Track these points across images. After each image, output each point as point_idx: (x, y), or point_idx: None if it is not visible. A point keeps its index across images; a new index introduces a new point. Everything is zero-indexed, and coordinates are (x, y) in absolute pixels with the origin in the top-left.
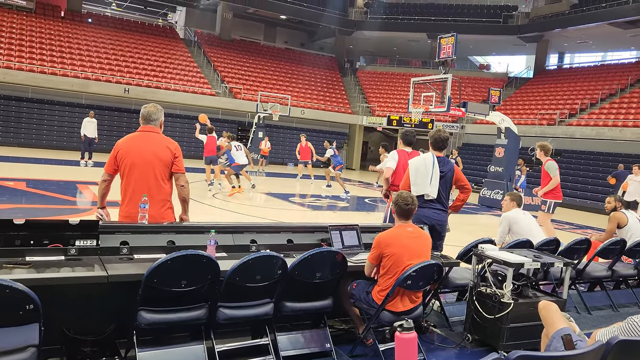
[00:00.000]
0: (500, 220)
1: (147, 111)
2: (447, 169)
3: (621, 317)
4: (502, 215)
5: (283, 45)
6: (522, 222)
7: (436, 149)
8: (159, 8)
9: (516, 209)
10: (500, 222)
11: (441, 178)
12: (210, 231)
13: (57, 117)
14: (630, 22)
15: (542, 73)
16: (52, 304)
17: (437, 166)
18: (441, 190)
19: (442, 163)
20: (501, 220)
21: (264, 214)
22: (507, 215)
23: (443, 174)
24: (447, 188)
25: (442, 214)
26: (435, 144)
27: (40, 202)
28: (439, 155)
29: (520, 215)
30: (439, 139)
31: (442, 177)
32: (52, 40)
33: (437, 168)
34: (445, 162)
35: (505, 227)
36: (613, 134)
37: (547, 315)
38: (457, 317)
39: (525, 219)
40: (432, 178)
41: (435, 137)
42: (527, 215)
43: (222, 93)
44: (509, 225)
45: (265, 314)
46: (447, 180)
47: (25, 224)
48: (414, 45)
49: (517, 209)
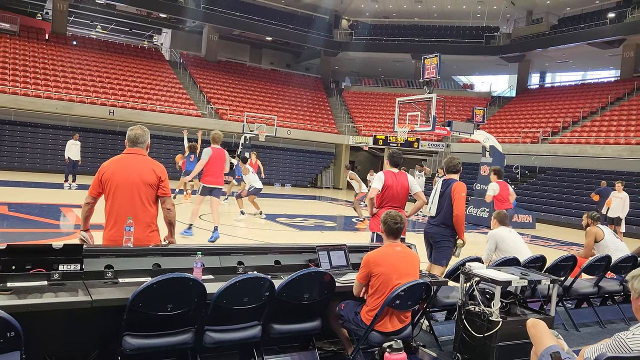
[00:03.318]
0: (487, 238)
1: (133, 134)
2: (445, 188)
3: (609, 334)
4: (489, 233)
5: (269, 66)
6: (508, 240)
7: (449, 172)
8: (144, 30)
9: (502, 227)
10: (487, 240)
11: (440, 196)
12: (196, 253)
13: (40, 140)
14: (609, 42)
15: (524, 92)
16: (34, 331)
17: (439, 187)
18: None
19: (444, 184)
20: (488, 238)
21: (251, 235)
22: (493, 233)
23: (442, 193)
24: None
25: (434, 227)
26: (448, 169)
27: (22, 226)
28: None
29: (507, 233)
30: (450, 164)
31: (440, 195)
32: (35, 63)
33: (438, 189)
34: (447, 184)
35: (491, 244)
36: (595, 152)
37: (535, 333)
38: (446, 336)
39: (512, 236)
40: (434, 197)
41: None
42: (514, 232)
43: (208, 114)
44: (496, 243)
45: (253, 337)
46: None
47: (7, 249)
48: (398, 65)
49: (503, 226)
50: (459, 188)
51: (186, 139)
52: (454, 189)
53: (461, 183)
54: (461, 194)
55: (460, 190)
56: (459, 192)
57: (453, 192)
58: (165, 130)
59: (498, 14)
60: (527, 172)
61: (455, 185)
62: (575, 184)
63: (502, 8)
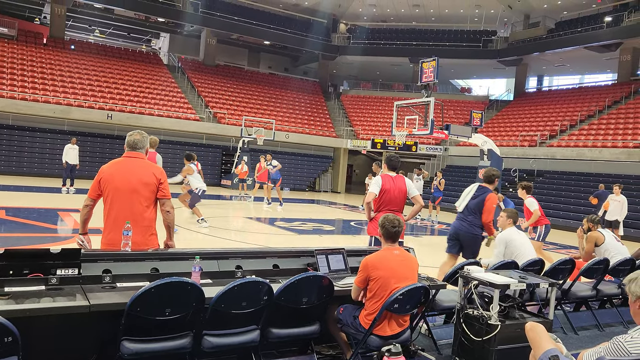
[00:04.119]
0: (495, 242)
1: (133, 139)
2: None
3: (607, 337)
4: (498, 236)
5: (267, 70)
6: (517, 242)
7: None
8: (142, 34)
9: (512, 228)
10: (496, 244)
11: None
12: (194, 257)
13: (38, 144)
14: (606, 46)
15: (522, 96)
16: (31, 336)
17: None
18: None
19: (479, 190)
20: (497, 242)
21: (249, 239)
22: (503, 237)
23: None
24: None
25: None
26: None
27: (20, 230)
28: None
29: (516, 235)
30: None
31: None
32: (33, 67)
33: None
34: (482, 191)
35: (501, 248)
36: (593, 155)
37: (534, 336)
38: (445, 340)
39: (520, 238)
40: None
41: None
42: (522, 234)
43: (207, 118)
44: (505, 246)
45: (252, 341)
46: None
47: (5, 254)
48: (396, 69)
49: (513, 227)
50: (492, 199)
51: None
52: (488, 199)
53: (494, 195)
54: (492, 205)
55: (493, 201)
56: (490, 203)
57: (486, 201)
58: (163, 134)
59: (495, 18)
60: (525, 175)
61: (490, 195)
62: (573, 187)
63: (500, 12)
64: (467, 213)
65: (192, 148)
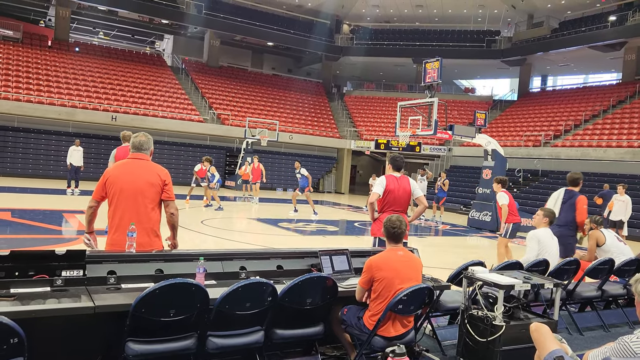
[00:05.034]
0: (528, 238)
1: (137, 140)
2: (568, 198)
3: (612, 337)
4: (530, 233)
5: (270, 71)
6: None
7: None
8: (146, 36)
9: (545, 228)
10: (528, 240)
11: (563, 203)
12: (199, 259)
13: (43, 146)
14: (610, 45)
15: (526, 96)
16: (37, 337)
17: (562, 195)
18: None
19: (567, 194)
20: (529, 238)
21: (253, 240)
22: (536, 235)
23: (564, 201)
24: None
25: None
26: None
27: (25, 232)
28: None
29: (548, 237)
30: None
31: (563, 202)
32: (38, 69)
33: (561, 196)
34: (570, 194)
35: (534, 244)
36: (597, 154)
37: (539, 337)
38: (449, 340)
39: (553, 242)
40: (557, 204)
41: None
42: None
43: (210, 119)
44: (538, 244)
45: (256, 342)
46: (569, 204)
47: (10, 255)
48: (399, 69)
49: (547, 227)
50: (582, 201)
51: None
52: (579, 201)
53: (584, 197)
54: (583, 205)
55: (583, 202)
56: (582, 204)
57: (577, 202)
58: (167, 135)
59: (499, 17)
60: (530, 175)
61: (580, 197)
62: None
63: (503, 12)
64: (559, 216)
65: (196, 149)
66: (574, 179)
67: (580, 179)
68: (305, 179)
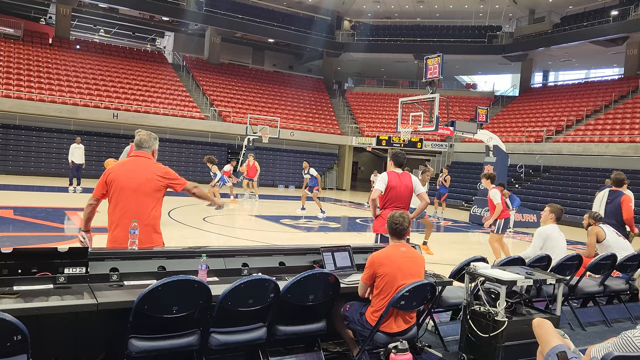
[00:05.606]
0: (535, 234)
1: (139, 138)
2: (613, 198)
3: (615, 333)
4: (537, 230)
5: (271, 68)
6: (555, 240)
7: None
8: (147, 34)
9: (553, 225)
10: (535, 236)
11: (607, 204)
12: (201, 255)
13: (45, 144)
14: (612, 40)
15: (527, 91)
16: (40, 334)
17: (606, 196)
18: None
19: (611, 194)
20: (536, 234)
21: (255, 237)
22: (542, 231)
23: (609, 201)
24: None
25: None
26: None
27: (28, 229)
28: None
29: (556, 233)
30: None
31: (607, 203)
32: (39, 67)
33: (605, 197)
34: (615, 195)
35: (539, 242)
36: (599, 150)
37: (541, 332)
38: (451, 336)
39: (560, 237)
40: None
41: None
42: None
43: (212, 116)
44: (544, 241)
45: (258, 339)
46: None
47: (13, 253)
48: (401, 66)
49: (554, 224)
50: (628, 199)
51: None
52: (623, 200)
53: (628, 196)
54: (629, 203)
55: (629, 200)
56: (627, 202)
57: (623, 202)
58: (169, 133)
59: (500, 13)
60: (531, 171)
61: (625, 196)
62: (580, 183)
63: (505, 7)
64: (606, 217)
65: (197, 146)
66: (619, 179)
67: (625, 179)
68: (315, 179)
